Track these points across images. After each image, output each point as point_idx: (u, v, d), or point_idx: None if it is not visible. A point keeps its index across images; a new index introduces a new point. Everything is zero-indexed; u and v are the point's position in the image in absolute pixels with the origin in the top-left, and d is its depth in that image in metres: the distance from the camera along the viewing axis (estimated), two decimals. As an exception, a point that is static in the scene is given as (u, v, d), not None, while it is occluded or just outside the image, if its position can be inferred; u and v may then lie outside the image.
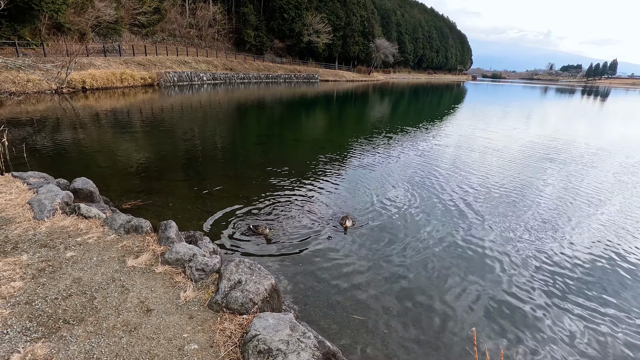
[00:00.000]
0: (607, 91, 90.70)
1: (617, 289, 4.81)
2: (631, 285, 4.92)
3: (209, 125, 15.53)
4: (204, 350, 2.53)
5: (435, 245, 5.69)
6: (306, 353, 2.45)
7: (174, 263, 3.48)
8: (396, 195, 7.87)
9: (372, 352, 3.47)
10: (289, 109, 23.51)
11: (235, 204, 6.83)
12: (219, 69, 42.12)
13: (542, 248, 5.78)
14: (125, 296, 3.03)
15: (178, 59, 37.79)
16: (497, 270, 5.07)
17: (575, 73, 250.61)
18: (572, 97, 60.10)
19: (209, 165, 9.40)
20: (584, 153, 13.22)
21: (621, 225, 6.84)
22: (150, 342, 2.57)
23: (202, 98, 26.10)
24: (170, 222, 4.13)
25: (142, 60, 32.58)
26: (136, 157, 9.64)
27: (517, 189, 8.64)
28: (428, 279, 4.76)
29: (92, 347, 2.47)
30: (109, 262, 3.50)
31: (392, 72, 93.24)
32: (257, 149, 11.87)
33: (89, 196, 5.32)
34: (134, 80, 28.03)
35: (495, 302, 4.35)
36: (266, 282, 3.16)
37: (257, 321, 2.64)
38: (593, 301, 4.51)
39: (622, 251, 5.86)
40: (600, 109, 36.82)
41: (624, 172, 10.71)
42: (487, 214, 7.02)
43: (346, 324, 3.84)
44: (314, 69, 62.09)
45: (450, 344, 3.63)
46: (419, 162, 10.90)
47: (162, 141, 11.87)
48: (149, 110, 18.29)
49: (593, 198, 8.24)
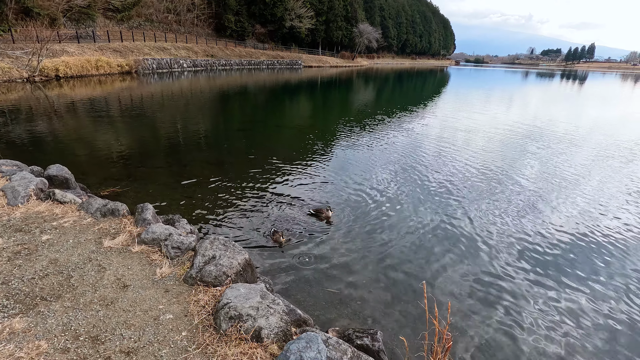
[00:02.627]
0: (585, 75, 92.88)
1: (590, 263, 5.16)
2: (604, 259, 5.28)
3: (190, 113, 15.34)
4: (178, 319, 2.67)
5: (417, 226, 5.93)
6: (274, 317, 2.62)
7: (150, 242, 3.58)
8: (380, 179, 8.07)
9: (343, 320, 3.69)
10: (273, 96, 23.33)
11: (216, 189, 6.91)
12: (200, 56, 41.16)
13: (522, 227, 6.09)
14: (101, 274, 3.13)
15: (156, 45, 36.71)
16: (478, 249, 5.35)
17: (555, 57, 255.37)
18: (551, 81, 61.36)
19: (191, 153, 9.38)
20: (562, 136, 13.70)
21: (597, 204, 7.22)
22: (127, 314, 2.69)
23: (182, 85, 25.59)
24: (147, 204, 4.20)
25: (118, 46, 31.53)
26: (115, 146, 9.52)
27: (499, 172, 8.97)
28: (407, 257, 5.00)
29: (70, 320, 2.58)
30: (86, 244, 3.57)
31: (376, 57, 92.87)
32: (240, 135, 11.86)
33: (65, 183, 5.30)
34: (111, 67, 27.19)
35: (475, 279, 4.63)
36: (240, 257, 3.30)
37: (229, 291, 2.79)
38: (568, 275, 4.84)
39: (596, 228, 6.23)
40: (578, 93, 37.82)
41: (600, 154, 11.20)
42: (470, 196, 7.30)
43: (321, 296, 4.04)
44: (297, 55, 61.31)
45: (420, 315, 3.86)
46: (403, 147, 11.12)
47: (142, 129, 11.71)
48: (128, 98, 17.89)
49: (571, 179, 8.63)
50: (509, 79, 61.03)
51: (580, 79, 68.53)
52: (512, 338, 3.57)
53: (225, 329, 2.52)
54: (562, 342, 3.56)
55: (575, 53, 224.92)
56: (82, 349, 2.34)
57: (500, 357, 3.34)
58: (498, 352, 3.39)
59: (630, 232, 6.03)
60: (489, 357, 3.33)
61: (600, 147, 11.99)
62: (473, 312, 3.93)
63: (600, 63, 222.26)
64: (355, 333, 3.16)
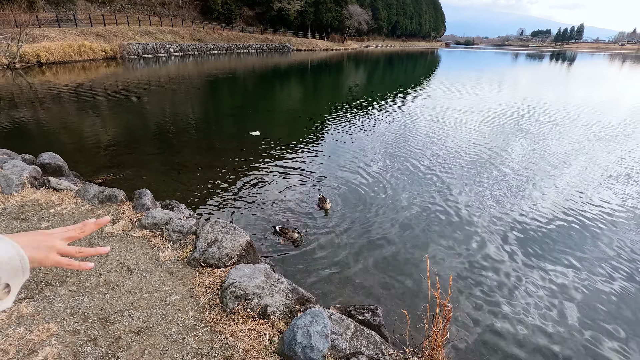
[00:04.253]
0: (573, 56, 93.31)
1: (577, 239, 5.35)
2: (589, 239, 5.47)
3: (179, 99, 15.08)
4: (185, 300, 2.73)
5: (410, 208, 6.02)
6: (280, 295, 2.69)
7: (151, 227, 3.59)
8: (373, 161, 8.13)
9: (344, 298, 3.79)
10: (263, 80, 22.99)
11: (210, 174, 6.89)
12: (187, 40, 40.08)
13: (513, 206, 6.24)
14: (105, 259, 3.15)
15: (141, 29, 35.58)
16: (468, 228, 5.49)
17: (545, 38, 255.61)
18: (541, 62, 61.54)
19: (182, 138, 9.28)
20: (551, 117, 13.87)
21: (584, 184, 7.40)
22: (133, 296, 2.74)
23: (170, 71, 25.01)
24: (145, 190, 4.20)
25: (102, 31, 30.49)
26: (104, 133, 9.36)
27: (490, 153, 9.09)
28: (403, 236, 5.10)
29: (77, 304, 2.61)
30: (86, 230, 3.57)
31: (367, 40, 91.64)
32: (231, 120, 11.73)
33: (58, 171, 5.23)
34: (94, 53, 26.35)
35: (466, 258, 4.77)
36: (242, 239, 3.34)
37: (233, 272, 2.85)
38: (556, 251, 5.01)
39: (585, 207, 6.42)
40: (567, 75, 38.09)
41: (588, 135, 11.40)
42: (462, 176, 7.42)
43: (320, 276, 4.13)
44: (286, 38, 60.14)
45: (417, 291, 3.99)
46: (394, 129, 11.16)
47: (131, 116, 11.50)
48: (114, 84, 17.45)
49: (559, 159, 8.79)
50: (499, 61, 61.04)
51: (569, 60, 68.87)
52: (504, 310, 3.73)
53: (232, 307, 2.59)
54: (550, 314, 3.73)
55: (564, 34, 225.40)
56: (92, 330, 2.38)
57: (494, 327, 3.49)
58: (492, 324, 3.54)
59: (616, 212, 6.23)
60: (484, 329, 3.48)
61: (588, 128, 12.20)
62: (468, 286, 4.07)
63: (589, 44, 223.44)
64: (357, 309, 3.26)
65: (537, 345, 3.32)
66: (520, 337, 3.40)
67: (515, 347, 3.29)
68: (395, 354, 2.63)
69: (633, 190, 7.06)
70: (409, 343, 2.90)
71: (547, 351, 3.27)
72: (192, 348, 2.31)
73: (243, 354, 2.29)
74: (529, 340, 3.38)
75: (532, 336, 3.42)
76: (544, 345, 3.33)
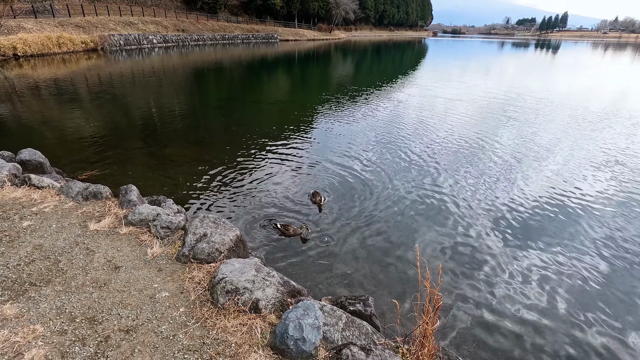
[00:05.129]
0: (558, 44, 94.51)
1: (562, 228, 5.46)
2: (572, 225, 5.59)
3: (164, 92, 14.76)
4: (175, 297, 2.70)
5: (400, 198, 6.05)
6: (271, 289, 2.68)
7: (138, 224, 3.53)
8: (362, 151, 8.13)
9: (334, 289, 3.81)
10: (250, 72, 22.66)
11: (198, 168, 6.79)
12: (170, 31, 39.11)
13: (499, 193, 6.33)
14: (91, 257, 3.08)
15: (122, 19, 34.53)
16: (457, 217, 5.55)
17: (530, 27, 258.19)
18: (526, 51, 62.15)
19: (168, 132, 9.11)
20: (536, 105, 14.06)
21: (569, 171, 7.55)
22: (122, 294, 2.69)
23: (154, 63, 24.41)
24: (131, 186, 4.11)
25: (81, 21, 29.48)
26: (87, 128, 9.11)
27: (477, 141, 9.18)
28: (393, 226, 5.13)
29: (63, 304, 2.55)
30: (70, 228, 3.48)
31: (354, 29, 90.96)
32: (218, 113, 11.56)
33: (39, 167, 5.08)
34: (74, 45, 25.51)
35: (455, 246, 4.83)
36: (231, 233, 3.31)
37: (223, 267, 2.82)
38: (539, 239, 5.11)
39: (568, 195, 6.55)
40: (552, 63, 38.57)
41: (571, 122, 11.60)
42: (450, 165, 7.48)
43: (311, 269, 4.14)
44: (272, 28, 59.21)
45: (408, 281, 4.03)
46: (383, 119, 11.16)
47: (115, 110, 11.21)
48: (96, 77, 16.96)
49: (545, 147, 8.94)
50: (486, 50, 61.39)
51: (554, 48, 69.72)
52: (492, 297, 3.81)
53: (222, 302, 2.57)
54: (538, 299, 3.83)
55: (549, 22, 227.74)
56: (80, 330, 2.34)
57: (483, 314, 3.57)
58: (481, 310, 3.61)
59: (598, 198, 6.39)
60: (474, 316, 3.55)
61: (572, 116, 12.41)
62: (458, 274, 4.14)
63: (573, 32, 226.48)
64: (348, 300, 3.28)
65: (524, 330, 3.41)
66: (508, 323, 3.48)
67: (504, 333, 3.36)
68: (386, 342, 2.67)
69: (616, 176, 7.23)
70: (400, 332, 2.94)
71: (535, 336, 3.36)
72: (184, 344, 2.29)
73: (235, 348, 2.28)
74: (517, 325, 3.46)
75: (520, 321, 3.51)
76: (531, 329, 3.42)
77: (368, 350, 2.28)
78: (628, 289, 4.04)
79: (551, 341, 3.31)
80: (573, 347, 3.26)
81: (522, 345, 3.25)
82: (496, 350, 3.17)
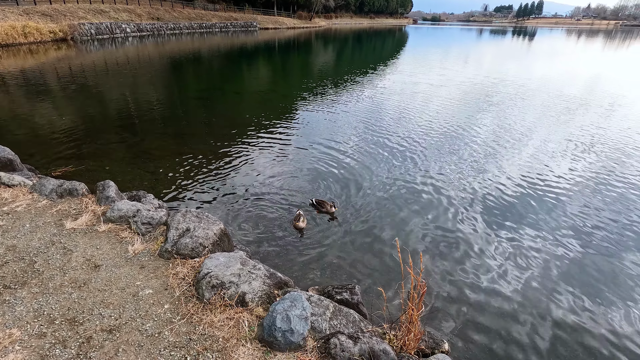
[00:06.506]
0: (534, 31, 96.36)
1: (536, 209, 5.63)
2: (549, 207, 5.78)
3: (141, 83, 14.26)
4: (159, 293, 2.64)
5: (383, 186, 6.09)
6: (257, 282, 2.67)
7: (118, 220, 3.43)
8: (344, 141, 8.11)
9: (320, 279, 3.83)
10: (229, 61, 22.14)
11: (179, 162, 6.64)
12: (144, 19, 37.63)
13: (478, 180, 6.46)
14: (68, 257, 2.98)
15: (92, 7, 32.94)
16: (438, 203, 5.64)
17: (507, 14, 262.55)
18: (504, 38, 63.11)
19: (146, 125, 8.84)
20: (514, 91, 14.34)
21: (543, 156, 7.76)
22: (103, 293, 2.62)
23: (128, 53, 23.50)
24: (108, 181, 3.98)
25: (48, 9, 27.95)
26: (60, 122, 8.73)
27: (456, 128, 9.31)
28: (376, 215, 5.17)
29: (41, 306, 2.46)
30: (45, 227, 3.35)
31: (334, 17, 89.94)
32: (198, 104, 11.28)
33: (9, 165, 4.84)
34: (42, 34, 24.24)
35: (437, 232, 4.91)
36: (215, 227, 3.26)
37: (208, 261, 2.78)
38: (518, 222, 5.26)
39: (543, 179, 6.75)
40: (528, 50, 39.33)
41: (547, 108, 11.90)
42: (430, 154, 7.57)
43: (297, 260, 4.13)
44: (251, 16, 57.85)
45: (393, 268, 4.09)
46: (365, 108, 11.15)
47: (89, 103, 10.77)
48: (67, 69, 16.20)
49: (522, 132, 9.15)
50: (465, 37, 61.97)
51: (530, 36, 71.04)
52: (474, 279, 3.92)
53: (208, 297, 2.54)
54: (515, 275, 3.96)
55: (525, 9, 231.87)
56: (60, 332, 2.27)
57: (466, 296, 3.67)
58: (463, 293, 3.71)
59: (571, 181, 6.62)
60: (455, 296, 3.64)
61: (548, 100, 12.75)
62: (440, 259, 4.23)
63: (548, 19, 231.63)
64: (335, 289, 3.30)
65: (506, 309, 3.52)
66: (491, 304, 3.59)
67: (487, 313, 3.47)
68: (374, 329, 2.71)
69: (589, 159, 7.50)
70: (387, 318, 2.98)
71: (516, 314, 3.48)
72: (169, 341, 2.26)
73: (222, 342, 2.27)
74: (498, 305, 3.58)
75: (501, 301, 3.62)
76: (512, 308, 3.54)
77: (356, 338, 2.31)
78: (599, 267, 4.23)
79: (530, 318, 3.44)
80: (550, 322, 3.40)
81: (503, 323, 3.36)
82: (480, 331, 3.27)
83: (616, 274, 4.15)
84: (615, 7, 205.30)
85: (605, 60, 29.36)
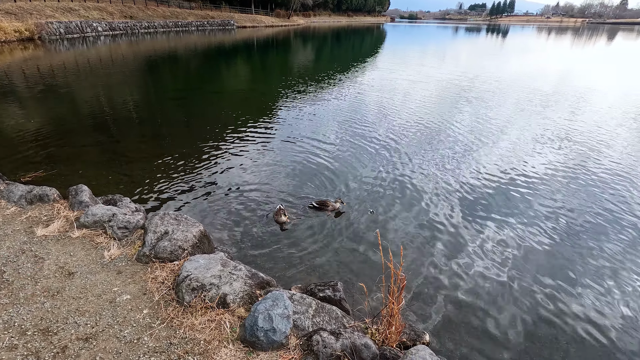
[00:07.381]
0: (507, 29, 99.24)
1: (513, 201, 5.82)
2: (524, 199, 5.98)
3: (114, 83, 13.82)
4: (137, 299, 2.59)
5: (364, 182, 6.15)
6: (238, 282, 2.65)
7: (92, 225, 3.33)
8: (325, 138, 8.13)
9: (302, 276, 3.84)
10: (207, 60, 21.76)
11: (156, 164, 6.49)
12: (116, 17, 36.45)
13: (456, 174, 6.61)
14: (40, 265, 2.87)
15: (60, 5, 31.65)
16: (418, 197, 5.74)
17: (481, 12, 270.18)
18: (479, 35, 64.71)
19: (122, 127, 8.59)
20: (489, 88, 14.73)
21: (519, 150, 8.01)
22: (78, 301, 2.54)
23: (101, 53, 22.72)
24: (81, 185, 3.85)
25: (11, 7, 26.66)
26: (28, 125, 8.36)
27: (434, 124, 9.48)
28: (356, 211, 5.21)
29: (11, 317, 2.37)
30: (14, 235, 3.21)
31: (313, 15, 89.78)
32: (175, 104, 11.04)
33: (-27, 171, 4.61)
34: (6, 33, 23.12)
35: (417, 226, 5.00)
36: (194, 229, 3.22)
37: (187, 264, 2.74)
38: (495, 213, 5.42)
39: (519, 171, 6.97)
40: (502, 47, 40.48)
41: (522, 103, 12.28)
42: (410, 150, 7.67)
43: (280, 259, 4.13)
44: (228, 15, 57.00)
45: (374, 264, 4.14)
46: (346, 105, 11.20)
47: (59, 104, 10.36)
48: (35, 70, 15.52)
49: (498, 126, 9.41)
50: (442, 35, 63.16)
51: (503, 33, 73.14)
52: (453, 271, 4.02)
53: (189, 300, 2.51)
54: (494, 266, 4.10)
55: (497, 7, 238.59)
56: (33, 343, 2.19)
57: (446, 289, 3.76)
58: (443, 285, 3.81)
59: (547, 172, 6.88)
60: (436, 288, 3.73)
61: (522, 95, 13.17)
62: (421, 251, 4.31)
63: (520, 17, 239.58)
64: (317, 287, 3.32)
65: (485, 300, 3.64)
66: (470, 295, 3.70)
67: (466, 304, 3.57)
68: (356, 325, 2.74)
69: (564, 152, 7.81)
70: (369, 313, 3.03)
71: (494, 303, 3.60)
72: (149, 347, 2.22)
73: (204, 345, 2.24)
74: (477, 296, 3.69)
75: (480, 292, 3.74)
76: (491, 298, 3.66)
77: (338, 334, 2.33)
78: (574, 254, 4.43)
79: (509, 308, 3.56)
80: (529, 312, 3.53)
81: (482, 314, 3.47)
82: (460, 322, 3.36)
83: (590, 261, 4.35)
84: (581, 5, 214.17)
85: (573, 56, 30.56)
